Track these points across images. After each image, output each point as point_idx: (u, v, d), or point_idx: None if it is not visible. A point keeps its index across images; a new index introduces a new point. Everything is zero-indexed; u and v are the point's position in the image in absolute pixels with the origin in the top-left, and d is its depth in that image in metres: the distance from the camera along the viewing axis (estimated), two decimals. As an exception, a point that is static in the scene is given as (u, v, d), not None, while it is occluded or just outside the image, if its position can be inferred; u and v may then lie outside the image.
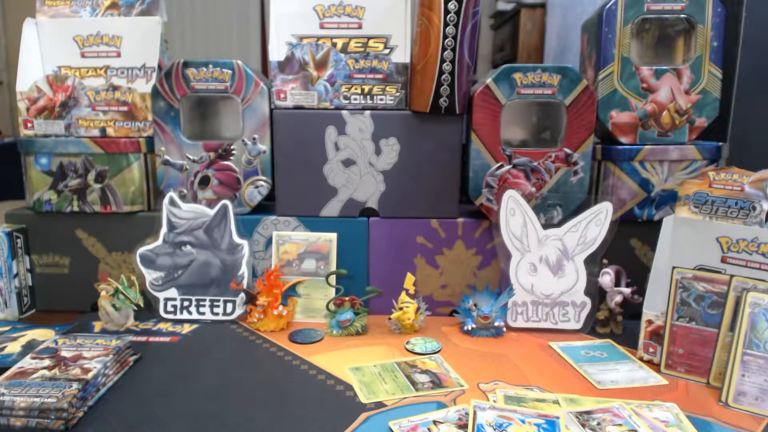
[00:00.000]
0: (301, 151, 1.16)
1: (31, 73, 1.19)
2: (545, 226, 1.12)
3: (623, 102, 1.14)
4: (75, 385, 0.80)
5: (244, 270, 1.15)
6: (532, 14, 3.23)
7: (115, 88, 1.19)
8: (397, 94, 1.14)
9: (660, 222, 1.02)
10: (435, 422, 0.77)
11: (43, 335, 1.04)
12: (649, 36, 1.17)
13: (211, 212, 1.16)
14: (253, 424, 0.78)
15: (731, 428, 0.79)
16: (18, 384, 0.80)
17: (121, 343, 0.94)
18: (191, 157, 1.18)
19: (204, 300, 1.15)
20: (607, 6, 1.12)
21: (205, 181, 1.19)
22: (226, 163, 1.18)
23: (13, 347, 0.99)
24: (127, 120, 1.19)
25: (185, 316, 1.15)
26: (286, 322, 1.12)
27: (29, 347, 0.97)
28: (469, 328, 1.09)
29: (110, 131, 1.20)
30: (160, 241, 1.15)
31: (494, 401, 0.83)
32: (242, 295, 1.14)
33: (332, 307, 1.10)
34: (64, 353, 0.90)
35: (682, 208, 1.02)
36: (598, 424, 0.77)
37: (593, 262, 1.11)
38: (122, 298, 1.12)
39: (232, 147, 1.18)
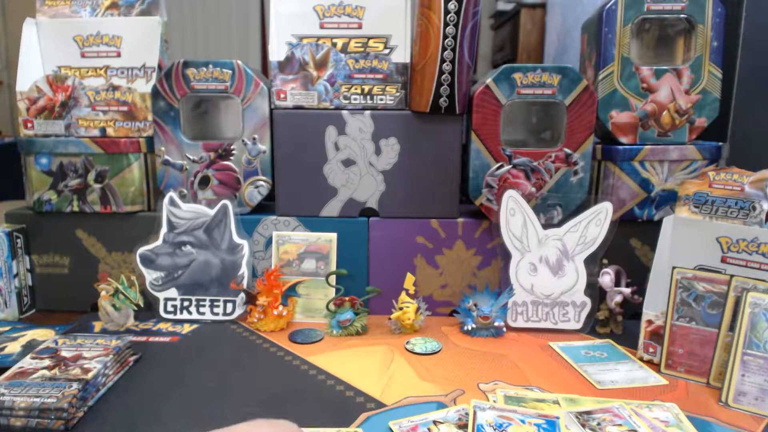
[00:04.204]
0: (301, 151, 1.16)
1: (31, 73, 1.19)
2: (545, 226, 1.12)
3: (623, 102, 1.14)
4: (75, 385, 0.80)
5: (244, 270, 1.15)
6: (532, 14, 3.23)
7: (115, 88, 1.19)
8: (397, 94, 1.14)
9: (660, 222, 1.02)
10: (435, 422, 0.77)
11: (43, 335, 1.04)
12: (649, 36, 1.17)
13: (211, 212, 1.16)
14: (253, 424, 0.78)
15: (731, 428, 0.79)
16: (18, 384, 0.80)
17: (121, 343, 0.94)
18: (191, 157, 1.18)
19: (204, 300, 1.15)
20: (607, 6, 1.12)
21: (205, 181, 1.19)
22: (226, 163, 1.18)
23: (13, 347, 0.99)
24: (127, 120, 1.19)
25: (185, 316, 1.15)
26: (286, 322, 1.12)
27: (29, 347, 0.97)
28: (469, 328, 1.09)
29: (110, 131, 1.20)
30: (160, 241, 1.15)
31: (494, 401, 0.83)
32: (242, 295, 1.14)
33: (332, 307, 1.10)
34: (64, 353, 0.90)
35: (682, 208, 1.02)
36: (598, 424, 0.77)
37: (593, 262, 1.11)
38: (122, 298, 1.12)
39: (232, 147, 1.18)
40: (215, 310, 1.15)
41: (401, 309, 1.09)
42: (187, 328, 1.11)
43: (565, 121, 1.12)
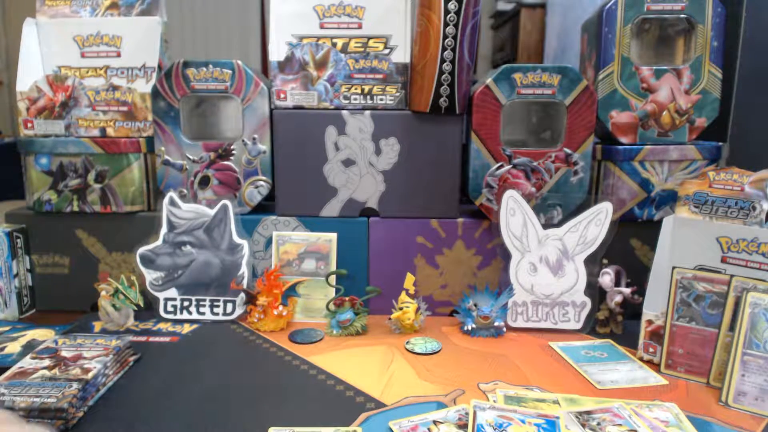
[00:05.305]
0: (301, 151, 1.16)
1: (31, 73, 1.19)
2: (545, 226, 1.12)
3: (623, 102, 1.14)
4: (75, 385, 0.80)
5: (244, 270, 1.15)
6: (532, 14, 3.23)
7: (115, 88, 1.19)
8: (397, 94, 1.14)
9: (660, 222, 1.02)
10: (435, 422, 0.77)
11: (43, 335, 1.04)
12: (649, 36, 1.17)
13: (211, 212, 1.16)
14: (253, 425, 0.78)
15: (731, 428, 0.79)
16: (18, 384, 0.80)
17: (121, 343, 0.94)
18: (191, 157, 1.18)
19: (204, 300, 1.15)
20: (607, 6, 1.12)
21: (205, 181, 1.19)
22: (226, 163, 1.18)
23: (13, 347, 0.99)
24: (127, 120, 1.19)
25: (185, 316, 1.15)
26: (286, 322, 1.12)
27: (29, 347, 0.97)
28: (469, 328, 1.09)
29: (110, 131, 1.20)
30: (160, 241, 1.15)
31: (494, 401, 0.83)
32: (242, 295, 1.14)
33: (332, 307, 1.10)
34: (64, 353, 0.90)
35: (682, 208, 1.02)
36: (598, 424, 0.77)
37: (593, 262, 1.11)
38: (122, 298, 1.12)
39: (232, 147, 1.18)
40: (215, 310, 1.15)
41: (401, 309, 1.09)
42: (187, 328, 1.11)
43: (565, 121, 1.12)
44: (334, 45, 1.13)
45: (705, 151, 1.13)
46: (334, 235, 1.18)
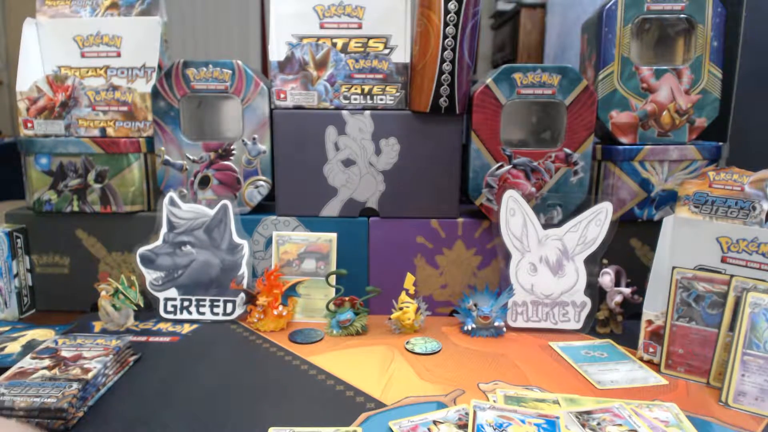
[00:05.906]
0: (301, 151, 1.16)
1: (31, 73, 1.19)
2: (545, 226, 1.12)
3: (623, 102, 1.14)
4: (75, 385, 0.80)
5: (244, 270, 1.15)
6: (532, 14, 3.23)
7: (115, 88, 1.19)
8: (397, 94, 1.14)
9: (660, 222, 1.02)
10: (435, 422, 0.77)
11: (43, 335, 1.04)
12: (649, 36, 1.17)
13: (211, 212, 1.16)
14: (253, 424, 0.78)
15: (731, 428, 0.79)
16: (18, 384, 0.80)
17: (121, 343, 0.94)
18: (191, 157, 1.18)
19: (204, 300, 1.15)
20: (607, 6, 1.12)
21: (205, 181, 1.19)
22: (226, 163, 1.18)
23: (13, 347, 0.99)
24: (127, 120, 1.19)
25: (185, 316, 1.15)
26: (286, 322, 1.12)
27: (29, 347, 0.97)
28: (469, 328, 1.09)
29: (110, 131, 1.20)
30: (160, 241, 1.15)
31: (494, 401, 0.83)
32: (242, 295, 1.14)
33: (332, 307, 1.10)
34: (64, 353, 0.90)
35: (682, 208, 1.02)
36: (598, 424, 0.77)
37: (593, 262, 1.11)
38: (122, 298, 1.12)
39: (232, 147, 1.18)
40: (215, 310, 1.15)
41: (401, 309, 1.09)
42: (187, 328, 1.11)
43: (565, 121, 1.12)
44: (334, 45, 1.13)
45: (705, 151, 1.13)
46: (334, 235, 1.18)
